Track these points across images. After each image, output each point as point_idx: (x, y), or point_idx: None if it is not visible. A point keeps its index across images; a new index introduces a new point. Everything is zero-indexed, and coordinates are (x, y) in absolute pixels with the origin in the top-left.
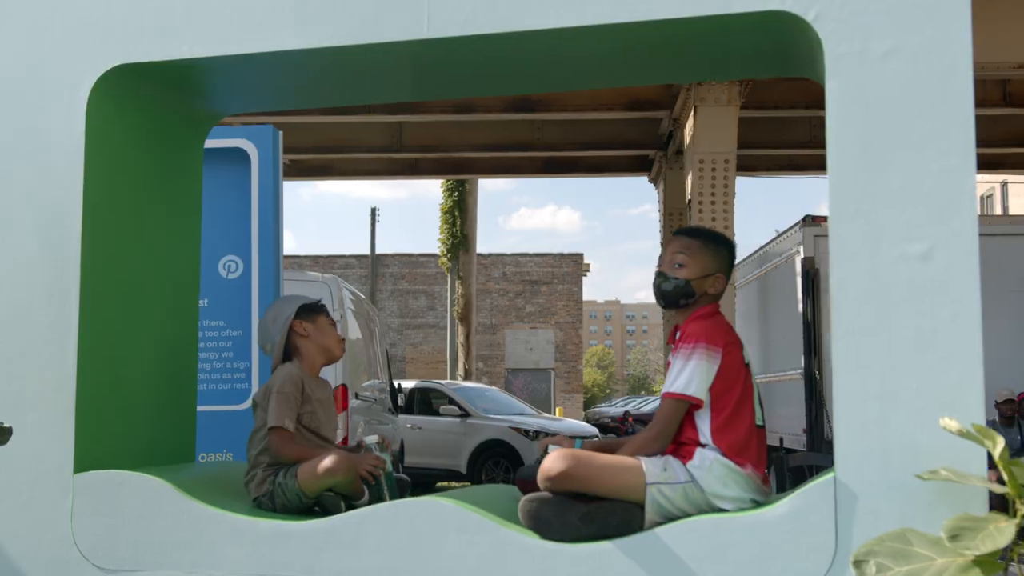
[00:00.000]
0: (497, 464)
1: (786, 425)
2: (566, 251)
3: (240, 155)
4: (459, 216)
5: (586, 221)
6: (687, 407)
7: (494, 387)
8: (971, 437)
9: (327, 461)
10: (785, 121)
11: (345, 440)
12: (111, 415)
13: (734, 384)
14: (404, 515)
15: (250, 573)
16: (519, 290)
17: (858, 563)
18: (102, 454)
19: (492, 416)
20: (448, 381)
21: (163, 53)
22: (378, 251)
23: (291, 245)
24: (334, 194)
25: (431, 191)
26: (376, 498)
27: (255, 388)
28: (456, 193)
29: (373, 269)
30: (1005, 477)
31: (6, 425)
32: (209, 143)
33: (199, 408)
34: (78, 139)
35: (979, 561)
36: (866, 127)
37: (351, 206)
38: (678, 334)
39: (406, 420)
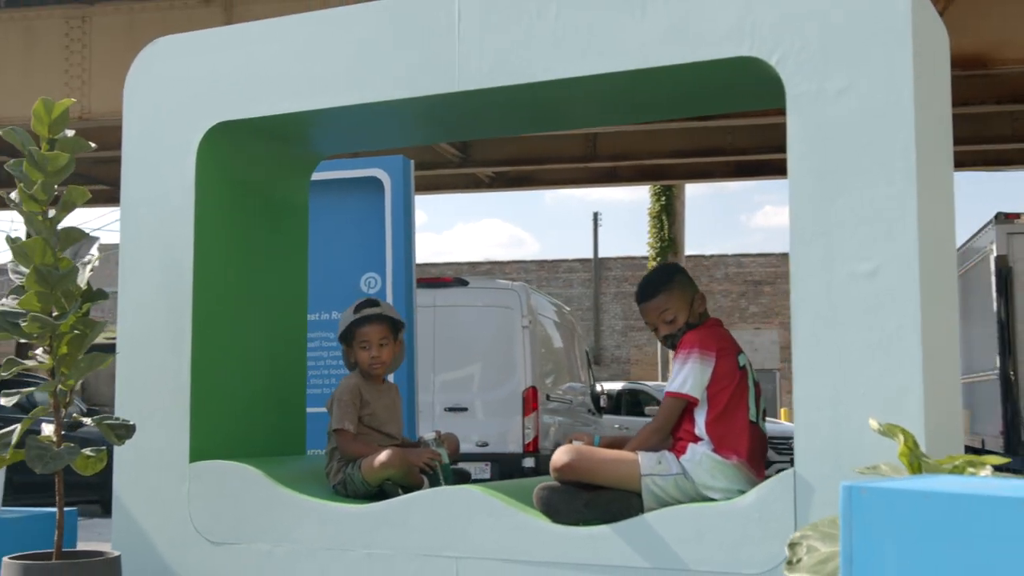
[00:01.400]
0: None
1: (986, 427)
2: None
3: (375, 183)
4: (667, 220)
5: None
6: (684, 404)
7: None
8: (886, 434)
9: (382, 456)
10: (986, 117)
11: (535, 441)
12: (221, 414)
13: (727, 385)
14: (442, 501)
15: (320, 547)
16: (742, 291)
17: (792, 545)
18: (213, 447)
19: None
20: (658, 383)
21: (253, 111)
22: (602, 254)
23: (533, 250)
24: (574, 197)
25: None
26: (434, 486)
27: None
28: (663, 197)
29: (596, 272)
30: (903, 466)
31: (131, 423)
32: (348, 173)
33: None
34: (189, 187)
35: None
36: (822, 157)
37: (584, 208)
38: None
39: (613, 420)
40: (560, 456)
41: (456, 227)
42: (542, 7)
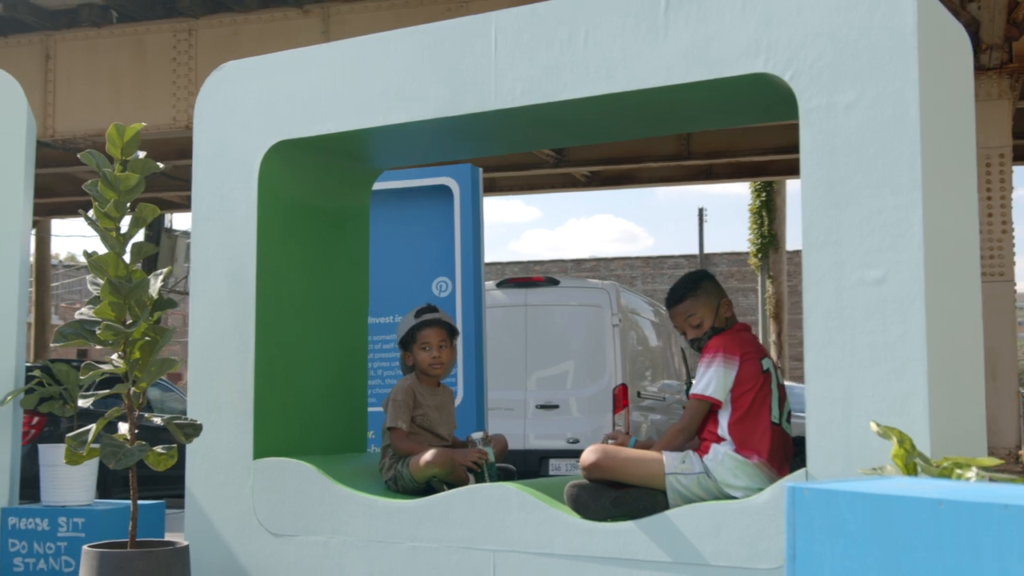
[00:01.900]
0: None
1: None
2: None
3: (444, 191)
4: (767, 216)
5: None
6: (708, 406)
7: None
8: (885, 435)
9: (427, 455)
10: None
11: (626, 431)
12: (283, 414)
13: (751, 388)
14: (480, 497)
15: (370, 540)
16: None
17: None
18: (276, 444)
19: (798, 414)
20: None
21: (308, 131)
22: (707, 250)
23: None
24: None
25: None
26: (481, 483)
27: (461, 393)
28: (764, 193)
29: (701, 268)
30: (897, 467)
31: (198, 423)
32: (418, 182)
33: None
34: (252, 202)
35: None
36: (832, 168)
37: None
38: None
39: None
40: (588, 456)
41: (568, 223)
42: (572, 32)
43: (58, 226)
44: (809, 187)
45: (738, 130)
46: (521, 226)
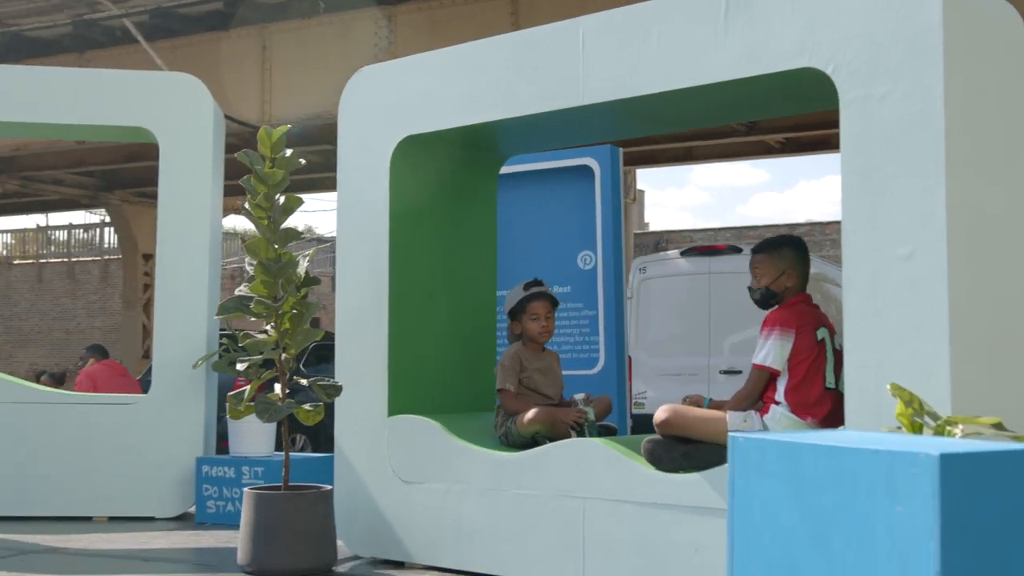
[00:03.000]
0: None
1: None
2: None
3: (586, 171)
4: None
5: None
6: (768, 375)
7: None
8: (896, 396)
9: (531, 413)
10: None
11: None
12: (414, 377)
13: (806, 358)
14: (572, 451)
15: (483, 487)
16: None
17: None
18: (408, 404)
19: None
20: None
21: (430, 126)
22: None
23: None
24: None
25: None
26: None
27: (603, 358)
28: None
29: None
30: (901, 425)
31: (339, 384)
32: (562, 163)
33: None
34: (385, 189)
35: None
36: (869, 154)
37: None
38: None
39: None
40: (660, 414)
41: (798, 185)
42: (646, 34)
43: None
44: (848, 172)
45: None
46: (749, 189)
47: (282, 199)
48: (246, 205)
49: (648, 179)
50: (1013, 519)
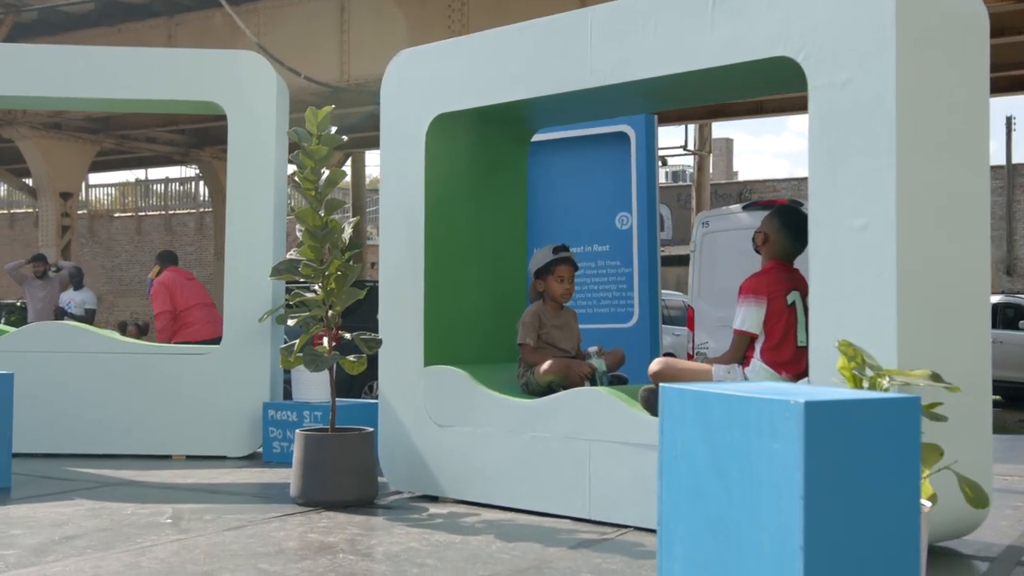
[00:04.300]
0: None
1: None
2: None
3: (623, 137)
4: None
5: None
6: (748, 339)
7: None
8: (841, 351)
9: (546, 365)
10: None
11: None
12: (447, 331)
13: (778, 321)
14: (580, 399)
15: (504, 430)
16: None
17: None
18: (442, 355)
19: None
20: None
21: (460, 105)
22: (1016, 160)
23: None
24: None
25: None
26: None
27: (637, 312)
28: None
29: (1009, 180)
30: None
31: (378, 337)
32: (600, 130)
33: (599, 326)
34: (421, 161)
35: None
36: (832, 136)
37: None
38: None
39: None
40: (654, 365)
41: None
42: (644, 23)
43: (370, 157)
44: (815, 151)
45: None
46: None
47: (327, 172)
48: (296, 178)
49: (745, 127)
50: (868, 456)
